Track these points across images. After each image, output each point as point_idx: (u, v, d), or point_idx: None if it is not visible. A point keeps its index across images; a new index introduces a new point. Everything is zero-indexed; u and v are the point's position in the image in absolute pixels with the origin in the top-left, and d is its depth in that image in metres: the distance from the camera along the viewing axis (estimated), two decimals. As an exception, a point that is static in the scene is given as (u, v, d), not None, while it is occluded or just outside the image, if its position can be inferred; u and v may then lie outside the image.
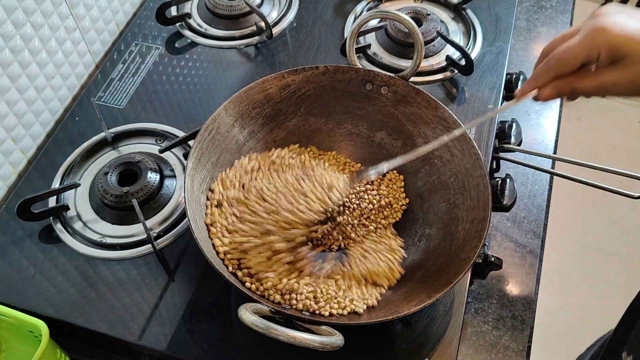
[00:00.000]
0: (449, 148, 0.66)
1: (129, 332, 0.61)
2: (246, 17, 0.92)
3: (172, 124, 0.80)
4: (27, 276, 0.66)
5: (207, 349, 0.60)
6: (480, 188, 0.61)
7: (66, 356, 0.63)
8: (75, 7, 0.83)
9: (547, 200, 0.77)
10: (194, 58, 0.88)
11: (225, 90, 0.84)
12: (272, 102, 0.70)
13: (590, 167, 0.70)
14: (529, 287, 0.69)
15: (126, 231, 0.70)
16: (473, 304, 0.67)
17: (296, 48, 0.89)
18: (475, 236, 0.58)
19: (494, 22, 0.90)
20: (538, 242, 0.72)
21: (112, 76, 0.86)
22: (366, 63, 0.86)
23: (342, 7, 0.94)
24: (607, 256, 1.63)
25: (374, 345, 0.60)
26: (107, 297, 0.64)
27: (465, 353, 0.64)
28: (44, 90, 0.81)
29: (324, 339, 0.46)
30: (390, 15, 0.67)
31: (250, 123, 0.70)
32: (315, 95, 0.72)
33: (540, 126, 0.84)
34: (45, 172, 0.75)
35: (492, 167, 0.76)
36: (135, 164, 0.72)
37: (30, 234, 0.69)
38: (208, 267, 0.55)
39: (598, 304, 1.54)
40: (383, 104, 0.71)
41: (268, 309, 0.51)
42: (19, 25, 0.74)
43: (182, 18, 0.92)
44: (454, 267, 0.58)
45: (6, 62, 0.73)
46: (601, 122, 1.93)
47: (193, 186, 0.61)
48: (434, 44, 0.86)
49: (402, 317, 0.54)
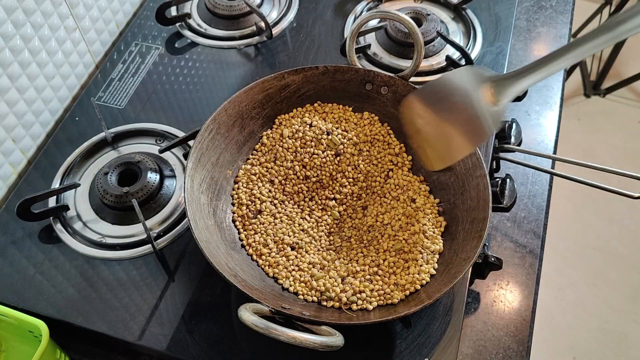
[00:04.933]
0: (449, 148, 0.66)
1: (129, 332, 0.61)
2: (246, 17, 0.92)
3: (172, 124, 0.80)
4: (27, 276, 0.66)
5: (207, 349, 0.60)
6: (480, 188, 0.61)
7: (66, 356, 0.63)
8: (75, 7, 0.83)
9: (547, 200, 0.77)
10: (194, 58, 0.88)
11: (225, 90, 0.84)
12: (272, 102, 0.70)
13: (590, 167, 0.70)
14: (529, 287, 0.69)
15: (126, 231, 0.70)
16: (473, 304, 0.67)
17: (296, 48, 0.89)
18: (475, 236, 0.58)
19: (494, 22, 0.90)
20: (538, 242, 0.72)
21: (112, 76, 0.86)
22: (366, 63, 0.86)
23: (342, 7, 0.94)
24: (607, 256, 1.63)
25: (374, 346, 0.60)
26: (107, 297, 0.64)
27: (465, 353, 0.64)
28: (44, 90, 0.81)
29: (324, 339, 0.46)
30: (390, 16, 0.67)
31: (250, 123, 0.70)
32: (315, 95, 0.72)
33: (540, 126, 0.84)
34: (45, 172, 0.75)
35: (492, 167, 0.76)
36: (135, 164, 0.72)
37: (30, 234, 0.69)
38: (208, 267, 0.55)
39: (598, 304, 1.54)
40: (383, 104, 0.71)
41: (268, 309, 0.51)
42: (19, 25, 0.74)
43: (182, 18, 0.92)
44: (454, 267, 0.58)
45: (6, 62, 0.73)
46: (601, 122, 1.93)
47: (193, 186, 0.61)
48: (434, 44, 0.86)
49: (402, 317, 0.54)
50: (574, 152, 1.84)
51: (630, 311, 1.52)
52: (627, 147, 1.87)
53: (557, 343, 1.48)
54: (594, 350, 1.46)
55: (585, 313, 1.53)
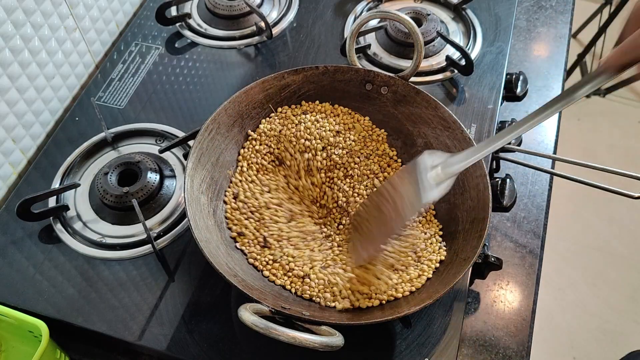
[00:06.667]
0: (449, 148, 0.66)
1: (129, 332, 0.61)
2: (246, 17, 0.92)
3: (172, 124, 0.80)
4: (27, 276, 0.66)
5: (207, 349, 0.60)
6: (480, 188, 0.61)
7: (66, 356, 0.63)
8: (75, 7, 0.83)
9: (547, 200, 0.77)
10: (194, 58, 0.88)
11: (225, 90, 0.84)
12: (272, 102, 0.70)
13: (590, 167, 0.70)
14: (529, 287, 0.69)
15: (126, 231, 0.70)
16: (473, 304, 0.67)
17: (296, 48, 0.89)
18: (475, 236, 0.58)
19: (494, 22, 0.90)
20: (538, 242, 0.72)
21: (112, 76, 0.86)
22: (366, 63, 0.86)
23: (342, 7, 0.94)
24: (607, 256, 1.63)
25: (374, 346, 0.60)
26: (107, 297, 0.64)
27: (465, 353, 0.64)
28: (44, 90, 0.81)
29: (324, 339, 0.46)
30: (390, 16, 0.67)
31: (250, 123, 0.70)
32: (315, 95, 0.72)
33: (540, 126, 0.84)
34: (45, 172, 0.75)
35: (492, 167, 0.76)
36: (135, 164, 0.72)
37: (30, 234, 0.69)
38: (208, 267, 0.55)
39: (598, 304, 1.54)
40: (383, 104, 0.71)
41: (268, 309, 0.51)
42: (19, 25, 0.74)
43: (182, 18, 0.92)
44: (454, 267, 0.58)
45: (6, 62, 0.73)
46: (601, 122, 1.93)
47: (193, 186, 0.61)
48: (434, 44, 0.86)
49: (402, 317, 0.54)
50: (574, 152, 1.84)
51: (630, 311, 1.52)
52: (627, 147, 1.87)
53: (557, 343, 1.48)
54: (594, 350, 1.46)
55: (585, 313, 1.53)
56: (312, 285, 0.60)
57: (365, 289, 0.59)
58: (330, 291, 0.60)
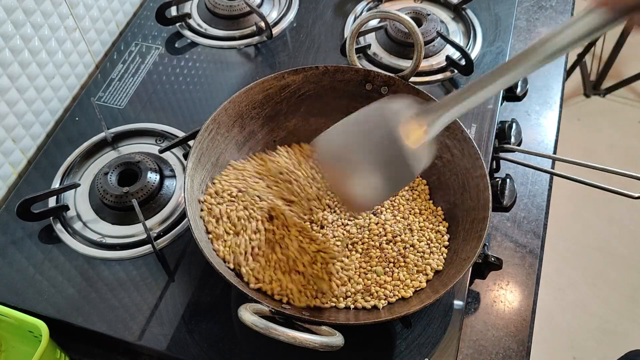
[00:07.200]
0: (449, 148, 0.66)
1: (129, 332, 0.61)
2: (246, 17, 0.92)
3: (172, 124, 0.80)
4: (27, 276, 0.66)
5: (207, 349, 0.60)
6: (480, 188, 0.61)
7: (66, 356, 0.63)
8: (75, 7, 0.83)
9: (547, 200, 0.77)
10: (194, 58, 0.88)
11: (225, 90, 0.84)
12: (272, 102, 0.70)
13: (590, 167, 0.70)
14: (529, 287, 0.69)
15: (126, 231, 0.70)
16: (473, 304, 0.67)
17: (296, 48, 0.89)
18: (475, 236, 0.58)
19: (494, 22, 0.90)
20: (538, 242, 0.72)
21: (112, 76, 0.86)
22: (366, 63, 0.86)
23: (342, 7, 0.94)
24: (607, 256, 1.63)
25: (374, 346, 0.60)
26: (107, 297, 0.64)
27: (465, 353, 0.64)
28: (44, 90, 0.81)
29: (324, 339, 0.46)
30: (390, 16, 0.67)
31: (250, 123, 0.70)
32: (315, 95, 0.72)
33: (540, 126, 0.84)
34: (45, 172, 0.75)
35: (492, 167, 0.76)
36: (135, 164, 0.72)
37: (30, 234, 0.69)
38: (208, 267, 0.55)
39: (598, 304, 1.54)
40: (383, 104, 0.71)
41: (268, 309, 0.51)
42: (19, 25, 0.74)
43: (182, 18, 0.92)
44: (454, 267, 0.58)
45: (6, 62, 0.73)
46: (601, 122, 1.93)
47: (193, 186, 0.61)
48: (434, 44, 0.86)
49: (402, 317, 0.54)
50: (574, 152, 1.83)
51: (630, 311, 1.52)
52: (627, 147, 1.87)
53: (557, 343, 1.48)
54: (594, 350, 1.46)
55: (585, 313, 1.53)
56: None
57: (369, 289, 0.59)
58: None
